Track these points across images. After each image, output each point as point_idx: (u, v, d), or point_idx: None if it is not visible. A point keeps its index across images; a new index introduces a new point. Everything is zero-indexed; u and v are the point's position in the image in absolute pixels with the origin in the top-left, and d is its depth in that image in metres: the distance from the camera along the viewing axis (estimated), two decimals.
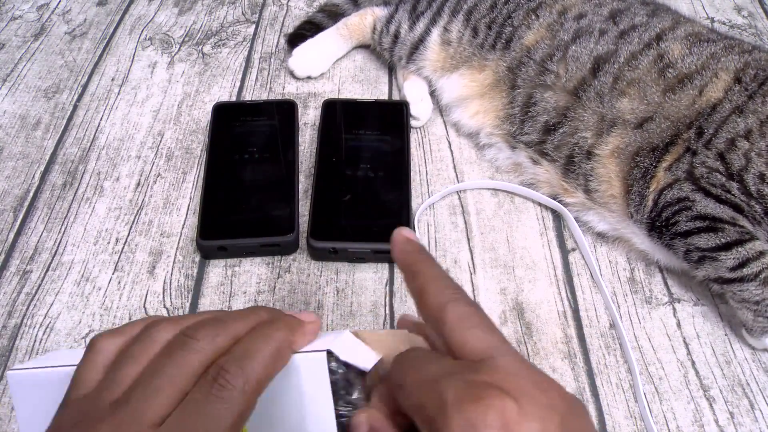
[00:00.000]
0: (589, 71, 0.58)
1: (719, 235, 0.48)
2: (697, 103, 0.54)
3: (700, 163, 0.51)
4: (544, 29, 0.62)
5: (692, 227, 0.50)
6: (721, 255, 0.48)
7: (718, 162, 0.50)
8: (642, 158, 0.54)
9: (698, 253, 0.50)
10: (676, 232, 0.51)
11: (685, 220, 0.50)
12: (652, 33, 0.58)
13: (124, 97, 0.71)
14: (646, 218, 0.53)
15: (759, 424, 0.47)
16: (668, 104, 0.54)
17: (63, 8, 0.83)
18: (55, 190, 0.62)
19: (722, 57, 0.55)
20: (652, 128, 0.54)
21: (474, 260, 0.57)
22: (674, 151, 0.53)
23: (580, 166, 0.57)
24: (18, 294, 0.54)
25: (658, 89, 0.55)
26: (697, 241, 0.49)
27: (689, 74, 0.55)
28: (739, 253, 0.48)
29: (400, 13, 0.71)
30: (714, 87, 0.54)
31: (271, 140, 0.63)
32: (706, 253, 0.49)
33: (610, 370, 0.50)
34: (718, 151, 0.51)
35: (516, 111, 0.61)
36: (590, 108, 0.57)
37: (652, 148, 0.54)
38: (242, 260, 0.57)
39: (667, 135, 0.53)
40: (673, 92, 0.54)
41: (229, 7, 0.84)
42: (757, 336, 0.50)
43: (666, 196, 0.51)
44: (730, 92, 0.53)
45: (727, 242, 0.48)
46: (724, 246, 0.48)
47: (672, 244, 0.52)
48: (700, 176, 0.50)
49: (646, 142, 0.54)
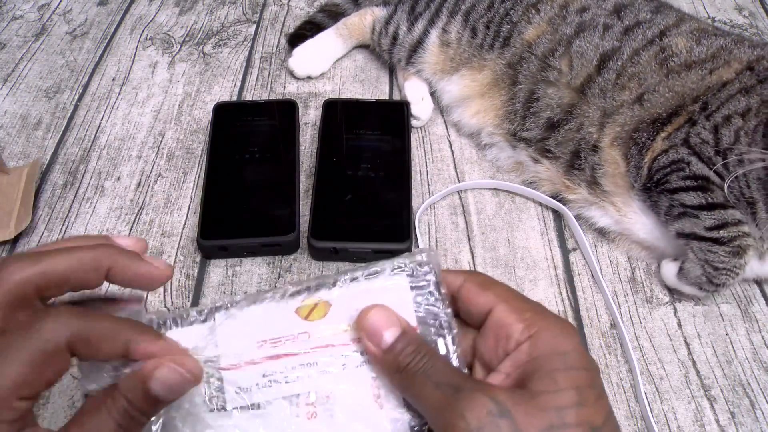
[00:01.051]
0: (594, 68, 0.58)
1: (707, 194, 0.50)
2: (707, 79, 0.54)
3: (696, 134, 0.52)
4: (545, 24, 0.62)
5: (683, 185, 0.51)
6: (703, 214, 0.50)
7: (711, 135, 0.51)
8: (640, 133, 0.54)
9: (680, 209, 0.51)
10: (664, 189, 0.52)
11: (676, 179, 0.51)
12: (656, 30, 0.58)
13: (124, 97, 0.71)
14: (642, 185, 0.54)
15: (760, 423, 0.47)
16: (672, 81, 0.55)
17: (64, 8, 0.84)
18: (56, 189, 0.62)
19: (734, 49, 0.56)
20: (654, 99, 0.55)
21: (475, 260, 0.57)
22: (676, 121, 0.54)
23: (587, 159, 0.57)
24: None
25: (659, 75, 0.56)
26: (684, 197, 0.51)
27: (698, 61, 0.56)
28: (720, 215, 0.49)
29: (399, 14, 0.71)
30: (726, 71, 0.54)
31: (271, 140, 0.63)
32: (688, 210, 0.51)
33: (611, 370, 0.50)
34: (715, 123, 0.52)
35: (517, 107, 0.61)
36: (595, 104, 0.57)
37: (653, 120, 0.54)
38: (243, 260, 0.57)
39: (671, 105, 0.54)
40: (678, 74, 0.55)
41: (229, 7, 0.84)
42: (684, 282, 0.52)
43: (659, 161, 0.53)
44: (741, 75, 0.54)
45: (712, 203, 0.50)
46: (708, 206, 0.50)
47: (657, 199, 0.53)
48: (694, 144, 0.52)
49: (647, 114, 0.54)
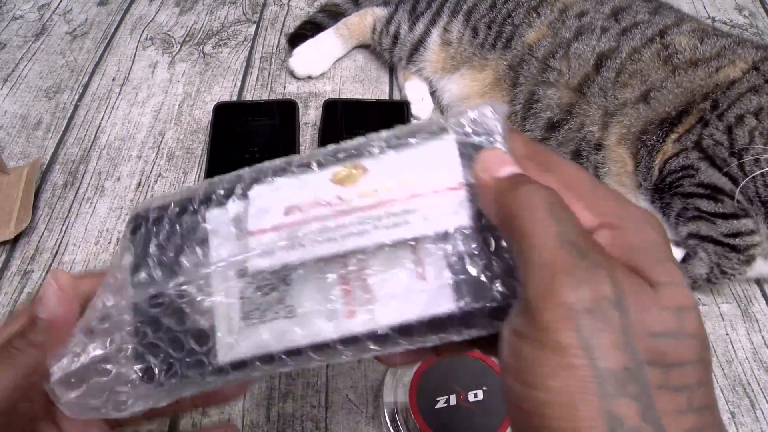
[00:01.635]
0: (592, 67, 0.58)
1: (718, 205, 0.50)
2: (714, 77, 0.54)
3: (708, 135, 0.52)
4: (545, 27, 0.62)
5: (696, 191, 0.51)
6: (718, 221, 0.50)
7: (725, 136, 0.51)
8: (649, 135, 0.54)
9: (695, 212, 0.51)
10: (678, 192, 0.52)
11: (689, 184, 0.51)
12: (655, 29, 0.59)
13: (125, 97, 0.71)
14: (652, 186, 0.54)
15: (760, 423, 0.47)
16: (679, 77, 0.55)
17: (64, 8, 0.84)
18: (56, 190, 0.62)
19: (737, 49, 0.56)
20: (662, 97, 0.54)
21: None
22: (687, 121, 0.53)
23: (588, 158, 0.57)
24: (19, 294, 0.54)
25: (663, 72, 0.55)
26: (699, 203, 0.51)
27: (702, 59, 0.55)
28: (733, 225, 0.50)
29: (400, 13, 0.71)
30: (732, 69, 0.54)
31: (271, 140, 0.63)
32: (704, 215, 0.51)
33: None
34: (728, 124, 0.51)
35: (518, 108, 0.61)
36: (595, 103, 0.57)
37: (661, 119, 0.54)
38: None
39: (681, 102, 0.54)
40: (684, 71, 0.55)
41: (229, 7, 0.84)
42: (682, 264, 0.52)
43: (671, 164, 0.53)
44: (748, 74, 0.54)
45: (724, 213, 0.50)
46: (722, 215, 0.50)
47: (671, 201, 0.53)
48: (707, 147, 0.52)
49: (654, 114, 0.54)
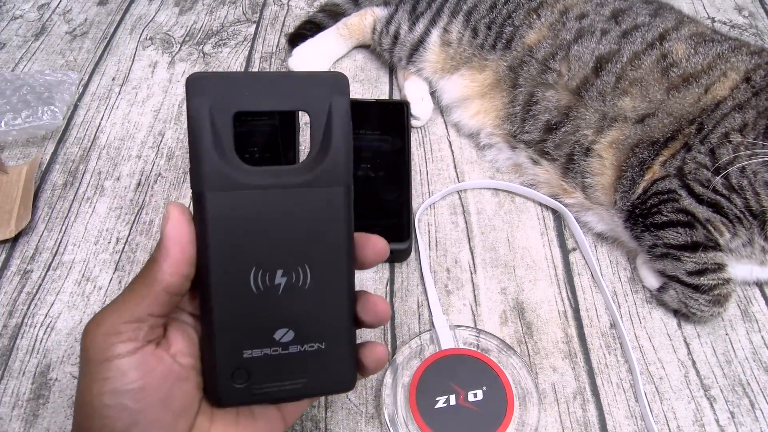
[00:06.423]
0: (591, 70, 0.58)
1: (689, 232, 0.50)
2: (702, 100, 0.54)
3: (691, 159, 0.52)
4: (546, 28, 0.62)
5: (673, 218, 0.51)
6: (685, 255, 0.50)
7: (707, 158, 0.51)
8: (641, 150, 0.54)
9: (663, 249, 0.51)
10: (651, 223, 0.52)
11: (668, 210, 0.51)
12: (656, 33, 0.58)
13: (124, 97, 0.71)
14: (629, 205, 0.54)
15: (760, 423, 0.47)
16: (672, 102, 0.55)
17: (63, 8, 0.84)
18: (55, 189, 0.62)
19: (731, 57, 0.56)
20: (654, 123, 0.54)
21: (474, 260, 0.57)
22: (672, 146, 0.53)
23: (579, 163, 0.57)
24: (19, 294, 0.54)
25: (661, 88, 0.55)
26: (668, 235, 0.50)
27: (695, 74, 0.55)
28: (700, 259, 0.49)
29: (400, 13, 0.71)
30: (721, 86, 0.54)
31: (271, 140, 0.63)
32: (671, 251, 0.50)
33: (611, 370, 0.50)
34: (711, 146, 0.51)
35: (517, 110, 0.61)
36: (592, 107, 0.57)
37: (652, 141, 0.54)
38: None
39: (668, 130, 0.54)
40: (677, 90, 0.55)
41: (229, 7, 0.84)
42: (664, 297, 0.52)
43: (658, 185, 0.52)
44: (735, 90, 0.53)
45: (695, 242, 0.49)
46: (692, 245, 0.50)
47: (641, 236, 0.53)
48: (688, 172, 0.51)
49: (646, 136, 0.54)
